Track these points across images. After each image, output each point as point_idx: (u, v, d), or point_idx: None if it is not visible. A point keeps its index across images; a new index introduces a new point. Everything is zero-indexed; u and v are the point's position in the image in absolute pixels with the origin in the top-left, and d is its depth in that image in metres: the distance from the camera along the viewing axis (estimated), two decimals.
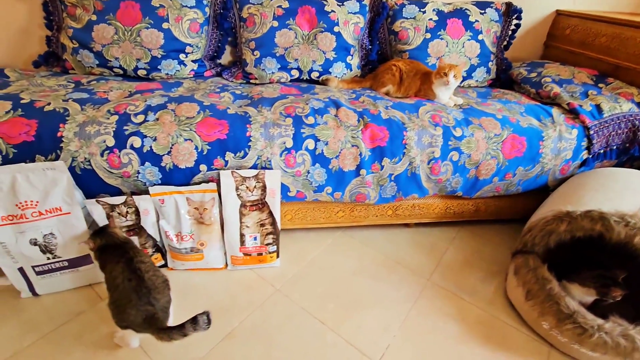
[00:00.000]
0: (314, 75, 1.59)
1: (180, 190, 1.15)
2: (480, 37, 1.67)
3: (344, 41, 1.58)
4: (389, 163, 1.26)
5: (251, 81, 1.59)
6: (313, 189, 1.27)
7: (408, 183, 1.31)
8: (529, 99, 1.55)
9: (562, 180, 1.42)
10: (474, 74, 1.71)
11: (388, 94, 1.54)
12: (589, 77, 1.54)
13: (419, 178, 1.31)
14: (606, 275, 1.04)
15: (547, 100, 1.51)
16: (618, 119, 1.36)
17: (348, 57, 1.61)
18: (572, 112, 1.39)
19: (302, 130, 1.19)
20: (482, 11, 1.68)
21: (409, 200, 1.44)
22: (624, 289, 1.00)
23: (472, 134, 1.29)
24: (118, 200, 1.12)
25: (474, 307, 1.22)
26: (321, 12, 1.54)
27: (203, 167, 1.15)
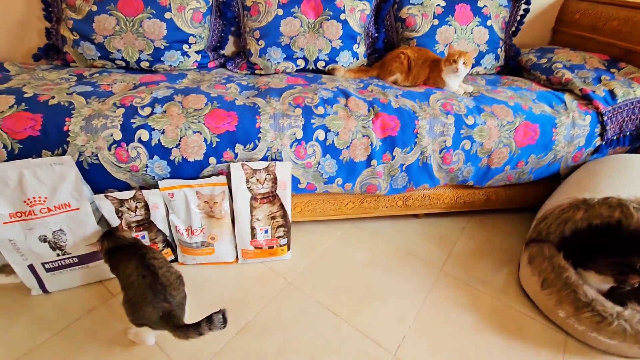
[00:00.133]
0: (320, 64, 1.56)
1: (189, 183, 1.13)
2: (488, 22, 1.63)
3: (351, 29, 1.54)
4: (400, 153, 1.24)
5: (256, 72, 1.56)
6: (323, 181, 1.25)
7: (419, 173, 1.30)
8: (539, 85, 1.52)
9: (573, 168, 1.40)
10: (482, 61, 1.68)
11: (396, 82, 1.52)
12: (600, 62, 1.52)
13: (430, 168, 1.29)
14: (624, 262, 1.03)
15: (559, 87, 1.48)
16: (632, 104, 1.34)
17: (354, 46, 1.58)
18: (585, 98, 1.37)
19: (312, 121, 1.17)
20: None
21: (419, 191, 1.42)
22: None
23: (484, 122, 1.26)
24: (127, 195, 1.10)
25: (487, 296, 1.21)
26: (327, 0, 1.50)
27: (212, 160, 1.13)
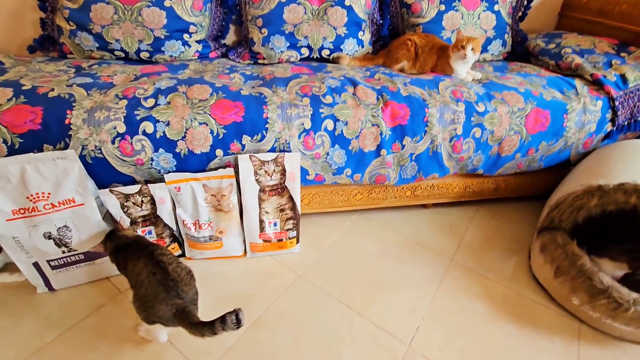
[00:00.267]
0: (325, 53, 1.53)
1: (196, 176, 1.10)
2: (496, 7, 1.60)
3: (356, 15, 1.50)
4: (410, 142, 1.22)
5: (259, 61, 1.52)
6: (332, 172, 1.22)
7: (429, 162, 1.27)
8: (548, 71, 1.50)
9: (584, 155, 1.39)
10: (489, 47, 1.64)
11: (402, 70, 1.48)
12: (610, 46, 1.49)
13: (440, 157, 1.26)
14: (639, 249, 1.02)
15: (568, 72, 1.46)
16: None
17: (360, 33, 1.54)
18: (596, 83, 1.34)
19: (320, 110, 1.14)
20: None
21: (428, 181, 1.40)
22: None
23: (495, 109, 1.24)
24: (132, 189, 1.07)
25: (499, 285, 1.21)
26: None
27: (219, 152, 1.10)
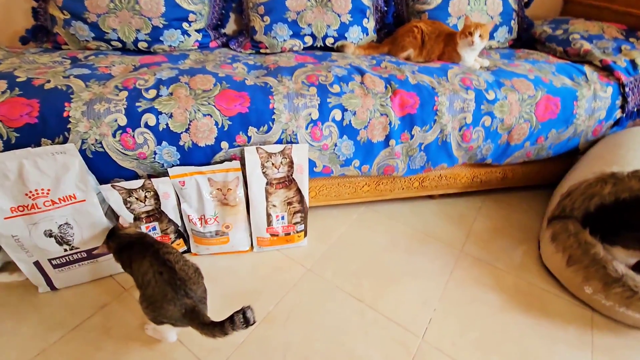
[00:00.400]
0: (329, 41, 1.48)
1: (201, 170, 1.06)
2: None
3: (360, 2, 1.46)
4: (419, 132, 1.19)
5: (261, 51, 1.47)
6: (340, 163, 1.19)
7: (438, 152, 1.25)
8: (556, 58, 1.47)
9: (592, 143, 1.37)
10: (495, 34, 1.61)
11: (409, 58, 1.45)
12: (618, 31, 1.47)
13: (449, 146, 1.24)
14: None
15: (576, 59, 1.43)
16: None
17: (364, 20, 1.50)
18: (606, 69, 1.32)
19: (328, 100, 1.11)
20: None
21: (436, 171, 1.38)
22: None
23: (505, 97, 1.21)
24: (135, 184, 1.03)
25: (510, 275, 1.19)
26: None
27: (225, 145, 1.07)
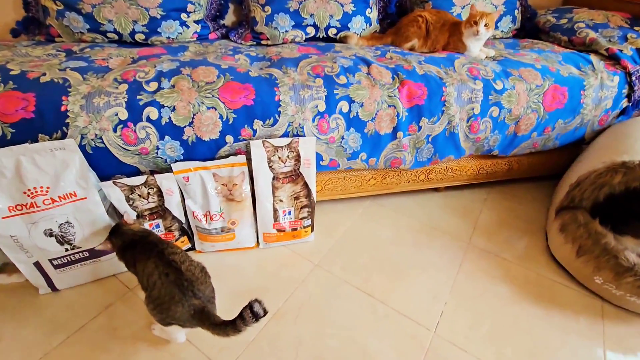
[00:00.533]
0: (332, 32, 1.45)
1: (205, 165, 1.03)
2: None
3: None
4: (427, 123, 1.17)
5: (262, 42, 1.43)
6: (347, 156, 1.17)
7: (445, 144, 1.23)
8: (561, 47, 1.46)
9: (598, 133, 1.37)
10: (499, 24, 1.59)
11: (413, 49, 1.42)
12: (623, 20, 1.45)
13: (457, 138, 1.22)
14: None
15: (582, 48, 1.42)
16: None
17: (367, 10, 1.46)
18: (612, 58, 1.31)
19: (335, 91, 1.08)
20: None
21: (442, 163, 1.36)
22: None
23: (513, 87, 1.20)
24: (138, 180, 1.00)
25: (519, 267, 1.19)
26: None
27: (229, 139, 1.03)
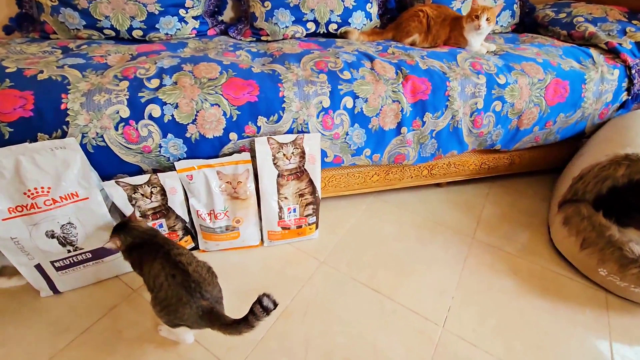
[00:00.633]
0: (332, 27, 1.44)
1: (209, 163, 1.02)
2: None
3: None
4: (430, 118, 1.17)
5: (262, 38, 1.42)
6: (351, 153, 1.16)
7: (449, 139, 1.23)
8: (560, 41, 1.46)
9: (598, 126, 1.38)
10: (498, 18, 1.59)
11: (414, 44, 1.42)
12: (621, 14, 1.46)
13: (460, 133, 1.22)
14: None
15: (581, 42, 1.43)
16: None
17: (367, 5, 1.45)
18: (612, 51, 1.32)
19: (339, 87, 1.07)
20: None
21: (445, 159, 1.36)
22: None
23: (515, 81, 1.20)
24: (140, 179, 0.98)
25: (523, 260, 1.19)
26: None
27: (233, 136, 1.02)
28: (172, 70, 1.01)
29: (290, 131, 1.06)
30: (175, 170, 1.00)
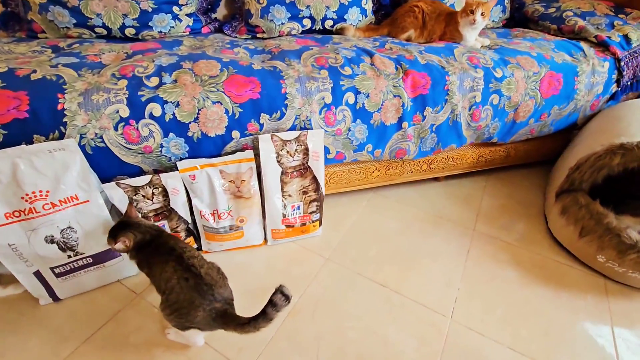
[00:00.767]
0: (328, 24, 1.43)
1: (212, 162, 1.00)
2: None
3: None
4: (430, 112, 1.18)
5: (258, 35, 1.40)
6: (353, 148, 1.16)
7: (448, 133, 1.24)
8: (550, 35, 1.49)
9: (589, 117, 1.41)
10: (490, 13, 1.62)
11: (409, 39, 1.43)
12: (608, 8, 1.51)
13: (459, 126, 1.24)
14: None
15: (571, 36, 1.46)
16: None
17: (363, 1, 1.45)
18: (601, 44, 1.36)
19: (341, 83, 1.06)
20: None
21: (444, 153, 1.38)
22: None
23: (512, 74, 1.22)
24: (142, 180, 0.96)
25: (524, 250, 1.22)
26: None
27: (236, 134, 1.00)
28: (172, 68, 0.98)
29: (293, 128, 1.05)
30: (177, 170, 0.98)
